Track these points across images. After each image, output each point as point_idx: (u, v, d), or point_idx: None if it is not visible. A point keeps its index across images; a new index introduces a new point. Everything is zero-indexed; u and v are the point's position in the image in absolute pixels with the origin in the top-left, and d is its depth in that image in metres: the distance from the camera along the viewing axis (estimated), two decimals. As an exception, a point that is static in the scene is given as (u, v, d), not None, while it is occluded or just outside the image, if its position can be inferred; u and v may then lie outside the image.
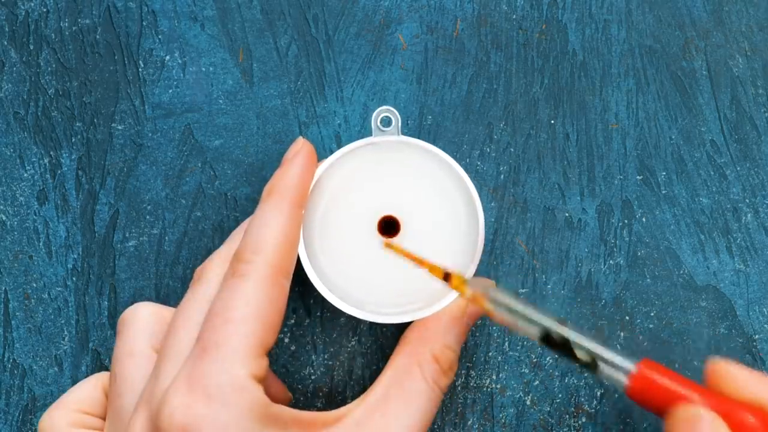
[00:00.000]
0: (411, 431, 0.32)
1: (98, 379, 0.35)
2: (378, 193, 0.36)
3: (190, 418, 0.29)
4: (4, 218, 0.39)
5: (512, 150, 0.39)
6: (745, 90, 0.40)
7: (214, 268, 0.34)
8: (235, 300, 0.31)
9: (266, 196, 0.34)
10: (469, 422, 0.39)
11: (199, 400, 0.29)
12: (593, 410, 0.39)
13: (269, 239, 0.32)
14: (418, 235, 0.36)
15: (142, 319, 0.34)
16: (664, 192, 0.39)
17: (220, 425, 0.29)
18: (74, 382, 0.38)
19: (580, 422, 0.39)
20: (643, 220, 0.39)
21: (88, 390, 0.35)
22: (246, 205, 0.39)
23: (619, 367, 0.31)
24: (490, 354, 0.39)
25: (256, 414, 0.30)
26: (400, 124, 0.36)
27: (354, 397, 0.39)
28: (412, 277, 0.35)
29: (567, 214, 0.39)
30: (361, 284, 0.35)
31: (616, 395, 0.39)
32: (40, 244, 0.39)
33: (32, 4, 0.39)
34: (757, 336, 0.39)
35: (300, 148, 0.35)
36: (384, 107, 0.36)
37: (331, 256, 0.35)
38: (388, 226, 0.36)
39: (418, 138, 0.38)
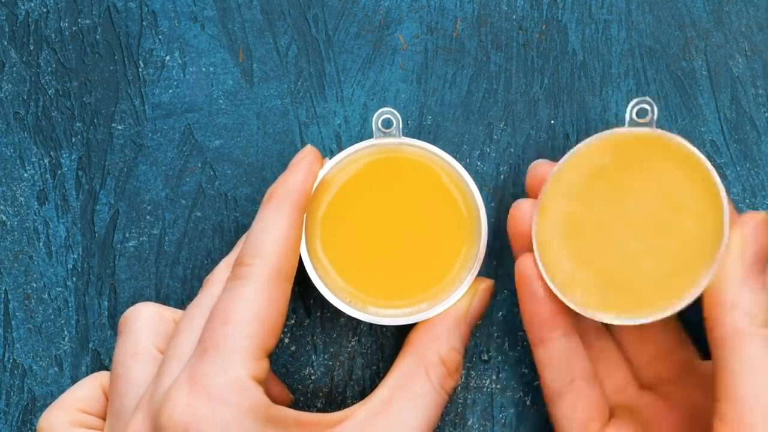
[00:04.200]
0: None
1: (97, 379, 0.35)
2: (379, 194, 0.36)
3: (191, 417, 0.29)
4: (4, 218, 0.39)
5: (512, 150, 0.39)
6: (745, 90, 0.40)
7: (220, 273, 0.34)
8: (235, 303, 0.31)
9: (267, 199, 0.34)
10: (469, 422, 0.39)
11: (200, 400, 0.29)
12: (593, 410, 0.39)
13: (269, 242, 0.32)
14: (420, 236, 0.36)
15: (144, 320, 0.34)
16: (664, 192, 0.39)
17: (220, 425, 0.29)
18: (74, 382, 0.38)
19: (580, 422, 0.39)
20: (643, 220, 0.39)
21: (87, 389, 0.35)
22: (246, 205, 0.39)
23: None
24: (490, 354, 0.39)
25: (257, 414, 0.30)
26: (401, 126, 0.36)
27: (354, 398, 0.39)
28: (414, 278, 0.35)
29: (567, 214, 0.39)
30: (364, 286, 0.35)
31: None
32: (40, 244, 0.39)
33: (32, 4, 0.39)
34: (756, 336, 0.39)
35: (305, 155, 0.35)
36: (385, 108, 0.36)
37: (332, 258, 0.35)
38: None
39: (418, 138, 0.38)
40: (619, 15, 0.40)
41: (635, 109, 0.35)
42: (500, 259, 0.39)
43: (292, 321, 0.39)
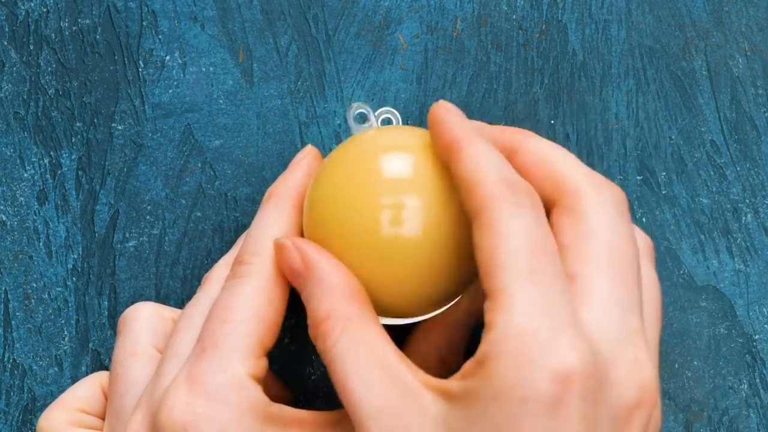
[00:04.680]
0: None
1: (97, 379, 0.35)
2: None
3: (190, 416, 0.29)
4: (4, 218, 0.39)
5: (512, 150, 0.39)
6: (745, 90, 0.40)
7: (218, 271, 0.34)
8: (234, 301, 0.31)
9: (267, 198, 0.34)
10: (469, 422, 0.39)
11: (199, 399, 0.29)
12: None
13: (268, 241, 0.32)
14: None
15: (143, 319, 0.34)
16: (664, 192, 0.39)
17: (219, 424, 0.29)
18: (74, 382, 0.38)
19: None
20: (643, 220, 0.39)
21: (86, 389, 0.35)
22: (246, 205, 0.39)
23: None
24: (490, 354, 0.39)
25: (256, 413, 0.30)
26: (400, 124, 0.36)
27: (354, 397, 0.39)
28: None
29: (567, 214, 0.39)
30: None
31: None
32: (40, 244, 0.39)
33: (32, 4, 0.39)
34: (757, 336, 0.39)
35: (306, 154, 0.35)
36: (385, 108, 0.36)
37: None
38: None
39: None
40: (619, 15, 0.40)
41: (355, 114, 0.35)
42: (500, 259, 0.39)
43: (292, 321, 0.39)
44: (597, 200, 0.29)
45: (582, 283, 0.28)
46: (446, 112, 0.31)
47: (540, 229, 0.28)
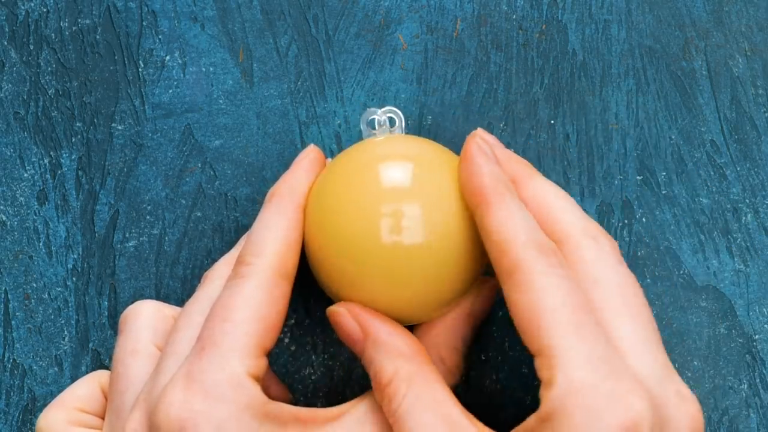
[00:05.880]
0: None
1: (96, 378, 0.35)
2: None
3: (187, 413, 0.29)
4: (4, 218, 0.39)
5: (512, 150, 0.39)
6: (745, 90, 0.40)
7: (219, 270, 0.34)
8: (235, 301, 0.31)
9: (269, 199, 0.34)
10: (469, 422, 0.39)
11: (196, 396, 0.29)
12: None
13: (270, 241, 0.32)
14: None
15: (144, 317, 0.34)
16: (664, 192, 0.39)
17: (216, 421, 0.29)
18: (74, 381, 0.38)
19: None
20: (643, 220, 0.39)
21: (86, 388, 0.35)
22: (246, 205, 0.39)
23: None
24: (490, 354, 0.39)
25: (254, 411, 0.30)
26: (403, 124, 0.36)
27: (354, 398, 0.39)
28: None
29: (567, 214, 0.39)
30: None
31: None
32: (40, 244, 0.39)
33: (32, 4, 0.39)
34: (757, 336, 0.39)
35: (308, 154, 0.35)
36: (387, 108, 0.36)
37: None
38: None
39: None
40: (619, 15, 0.40)
41: (368, 119, 0.35)
42: (500, 259, 0.39)
43: (292, 321, 0.39)
44: (596, 249, 0.31)
45: (609, 331, 0.29)
46: (478, 152, 0.32)
47: (574, 286, 0.29)
